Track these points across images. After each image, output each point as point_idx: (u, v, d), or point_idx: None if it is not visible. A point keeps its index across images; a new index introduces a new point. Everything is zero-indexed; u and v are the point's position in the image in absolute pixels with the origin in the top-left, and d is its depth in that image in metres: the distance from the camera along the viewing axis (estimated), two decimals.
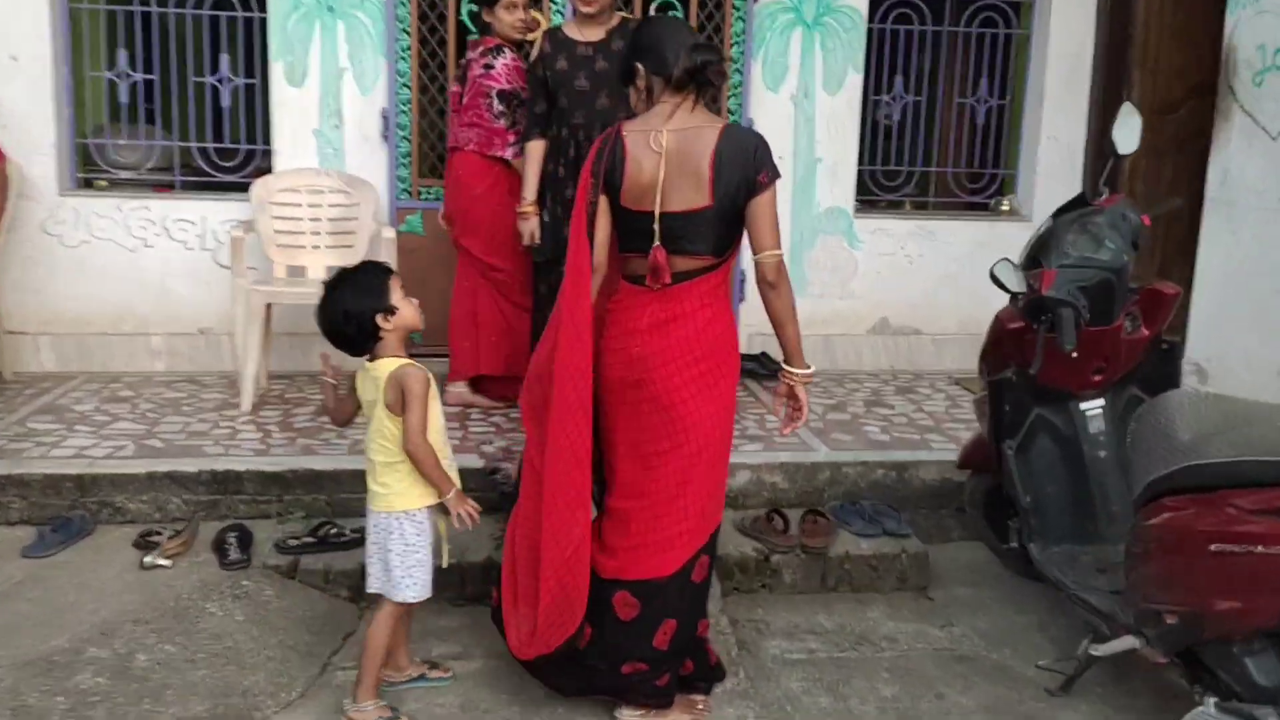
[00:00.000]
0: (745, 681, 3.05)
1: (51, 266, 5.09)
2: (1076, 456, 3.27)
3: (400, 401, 2.71)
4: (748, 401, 4.92)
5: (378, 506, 2.83)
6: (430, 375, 2.76)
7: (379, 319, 2.69)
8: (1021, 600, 3.59)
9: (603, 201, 2.67)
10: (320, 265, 4.93)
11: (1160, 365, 3.29)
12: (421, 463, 2.72)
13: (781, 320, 2.67)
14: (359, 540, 3.54)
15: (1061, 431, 3.28)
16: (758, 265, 2.62)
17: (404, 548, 2.81)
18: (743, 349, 5.62)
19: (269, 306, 4.78)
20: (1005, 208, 5.89)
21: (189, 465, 3.81)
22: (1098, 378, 3.22)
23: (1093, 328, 3.05)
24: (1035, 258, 3.13)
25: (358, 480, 3.74)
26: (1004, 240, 5.14)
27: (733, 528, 3.82)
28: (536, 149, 4.19)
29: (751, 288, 2.86)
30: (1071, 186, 5.66)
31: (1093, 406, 3.26)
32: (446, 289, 4.76)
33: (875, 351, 5.73)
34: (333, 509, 3.81)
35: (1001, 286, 3.03)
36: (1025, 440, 3.29)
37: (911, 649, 3.29)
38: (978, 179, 5.94)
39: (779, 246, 2.62)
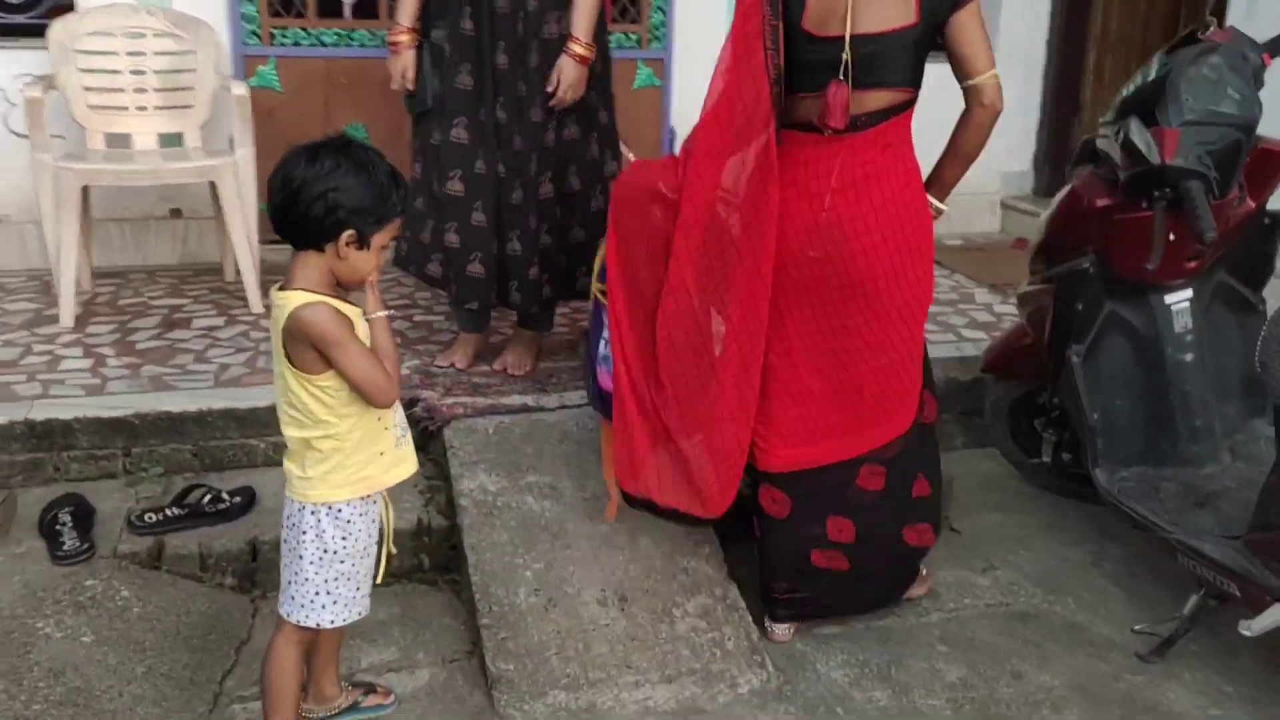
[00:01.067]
0: (776, 676, 2.38)
1: None
2: (1156, 361, 2.65)
3: (314, 355, 1.87)
4: None
5: (292, 493, 2.00)
6: (354, 315, 1.92)
7: (346, 235, 1.84)
8: (1060, 527, 3.02)
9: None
10: (149, 132, 3.85)
11: (1256, 244, 2.66)
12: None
13: (972, 154, 2.30)
14: (244, 505, 2.69)
15: (1139, 332, 2.65)
16: (975, 90, 2.20)
17: (320, 553, 1.99)
18: None
19: (86, 189, 3.70)
20: None
21: None
22: (1192, 264, 2.58)
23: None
24: (1145, 110, 2.40)
25: (233, 422, 2.86)
26: None
27: None
28: None
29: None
30: (1039, 15, 4.98)
31: (1178, 300, 2.63)
32: None
33: None
34: (201, 462, 2.91)
35: (1131, 156, 2.34)
36: (1093, 343, 2.65)
37: (960, 607, 2.67)
38: None
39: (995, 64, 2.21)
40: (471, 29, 2.85)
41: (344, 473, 1.95)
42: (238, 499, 2.70)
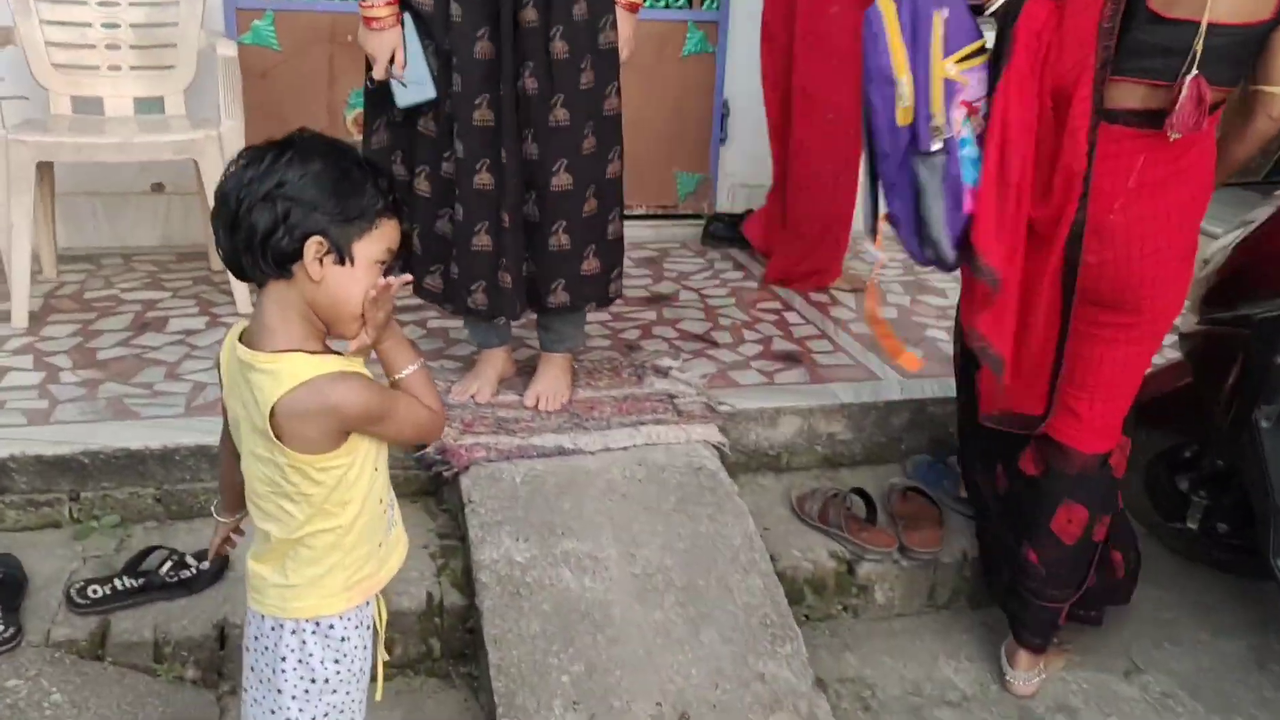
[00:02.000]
0: None
1: None
2: None
3: (334, 434, 1.39)
4: (749, 289, 3.59)
5: (263, 606, 1.48)
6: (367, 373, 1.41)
7: (312, 244, 1.32)
8: (1212, 610, 2.48)
9: None
10: (124, 96, 3.30)
11: None
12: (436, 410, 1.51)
13: (1236, 166, 1.99)
14: (214, 573, 2.18)
15: None
16: (1269, 100, 1.86)
17: (307, 685, 1.47)
18: (723, 204, 4.32)
19: (49, 166, 3.17)
20: None
21: None
22: None
23: None
24: None
25: (204, 462, 2.34)
26: None
27: (788, 511, 2.58)
28: None
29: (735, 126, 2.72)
30: None
31: None
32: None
33: None
34: (167, 509, 2.39)
35: None
36: None
37: None
38: None
39: None
40: None
41: (341, 575, 1.45)
42: (205, 565, 2.17)
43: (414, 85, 2.26)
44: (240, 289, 3.10)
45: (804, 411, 2.73)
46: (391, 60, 2.25)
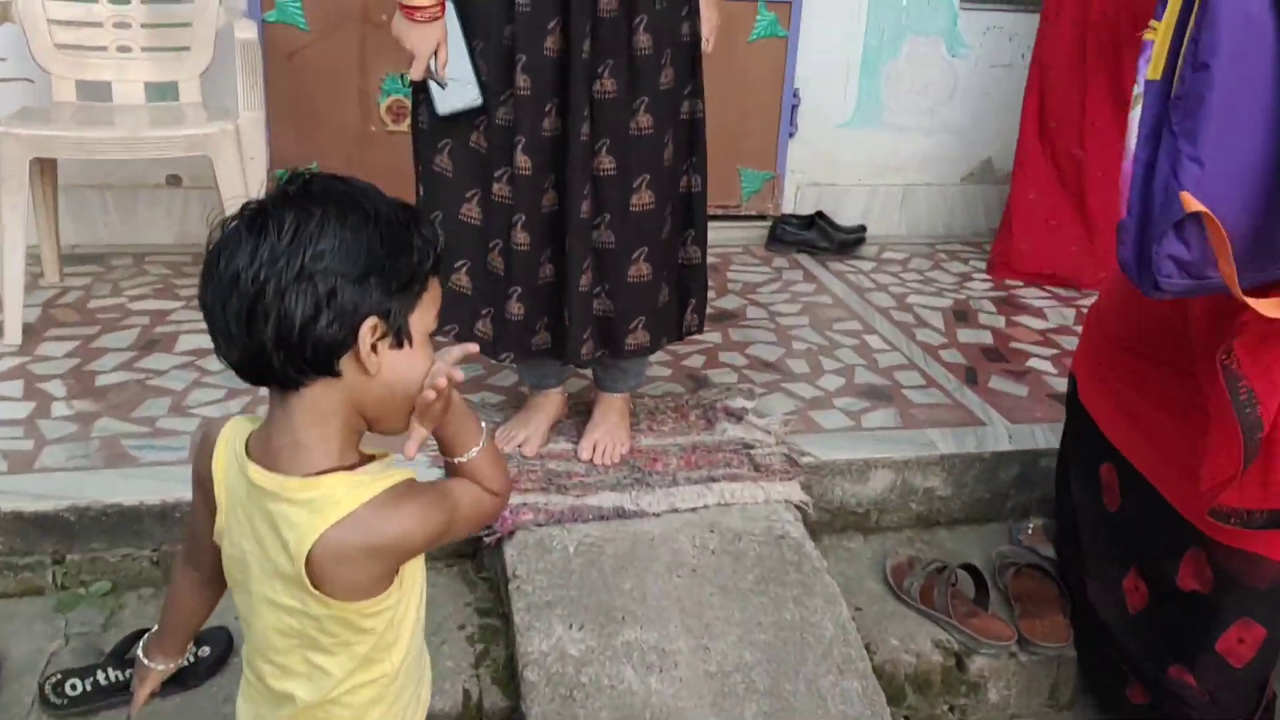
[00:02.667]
0: None
1: None
2: None
3: (387, 574, 1.08)
4: (823, 305, 3.22)
5: None
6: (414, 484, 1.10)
7: (367, 330, 1.02)
8: None
9: None
10: (134, 81, 2.96)
11: None
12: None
13: None
14: (215, 661, 1.86)
15: None
16: None
17: None
18: (789, 204, 3.95)
19: (50, 163, 2.84)
20: None
21: None
22: None
23: None
24: None
25: None
26: None
27: (881, 584, 2.22)
28: None
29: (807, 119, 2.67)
30: None
31: None
32: (347, 126, 2.88)
33: (973, 210, 4.02)
34: (165, 573, 2.07)
35: None
36: None
37: None
38: None
39: None
40: None
41: None
42: (205, 650, 1.85)
43: (458, 87, 1.90)
44: None
45: (898, 464, 2.37)
46: (434, 58, 1.89)
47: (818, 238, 3.66)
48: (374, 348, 1.01)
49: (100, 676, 1.79)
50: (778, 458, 2.30)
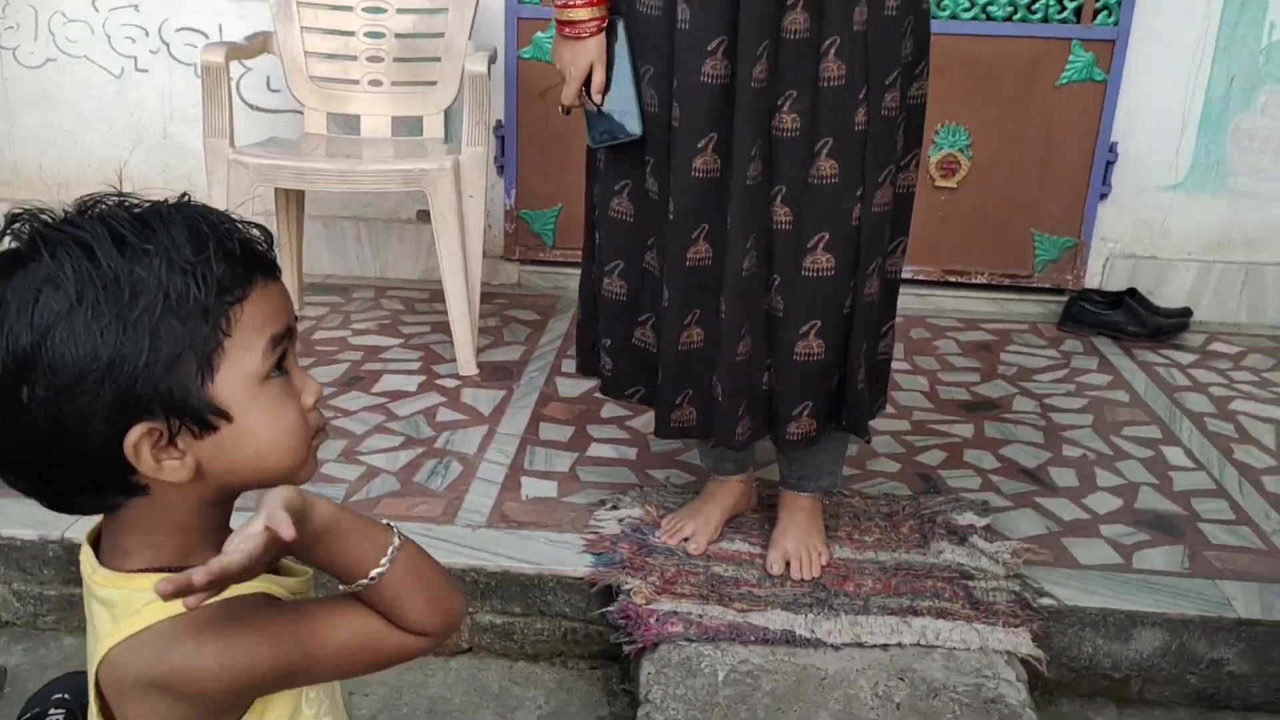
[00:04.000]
0: None
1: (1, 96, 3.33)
2: None
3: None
4: (1116, 403, 2.64)
5: None
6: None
7: (138, 440, 0.75)
8: None
9: None
10: (380, 115, 2.94)
11: None
12: None
13: None
14: None
15: None
16: None
17: None
18: (1094, 277, 3.36)
19: (297, 194, 2.86)
20: None
21: None
22: None
23: None
24: None
25: None
26: None
27: None
28: None
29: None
30: None
31: None
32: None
33: None
34: None
35: None
36: None
37: None
38: None
39: None
40: None
41: None
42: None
43: (614, 116, 1.63)
44: (463, 350, 2.62)
45: (1175, 623, 1.81)
46: (588, 82, 1.63)
47: (1125, 320, 3.06)
48: (170, 445, 0.75)
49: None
50: (1004, 595, 1.81)
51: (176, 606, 0.71)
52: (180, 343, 0.74)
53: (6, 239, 0.75)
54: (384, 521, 0.83)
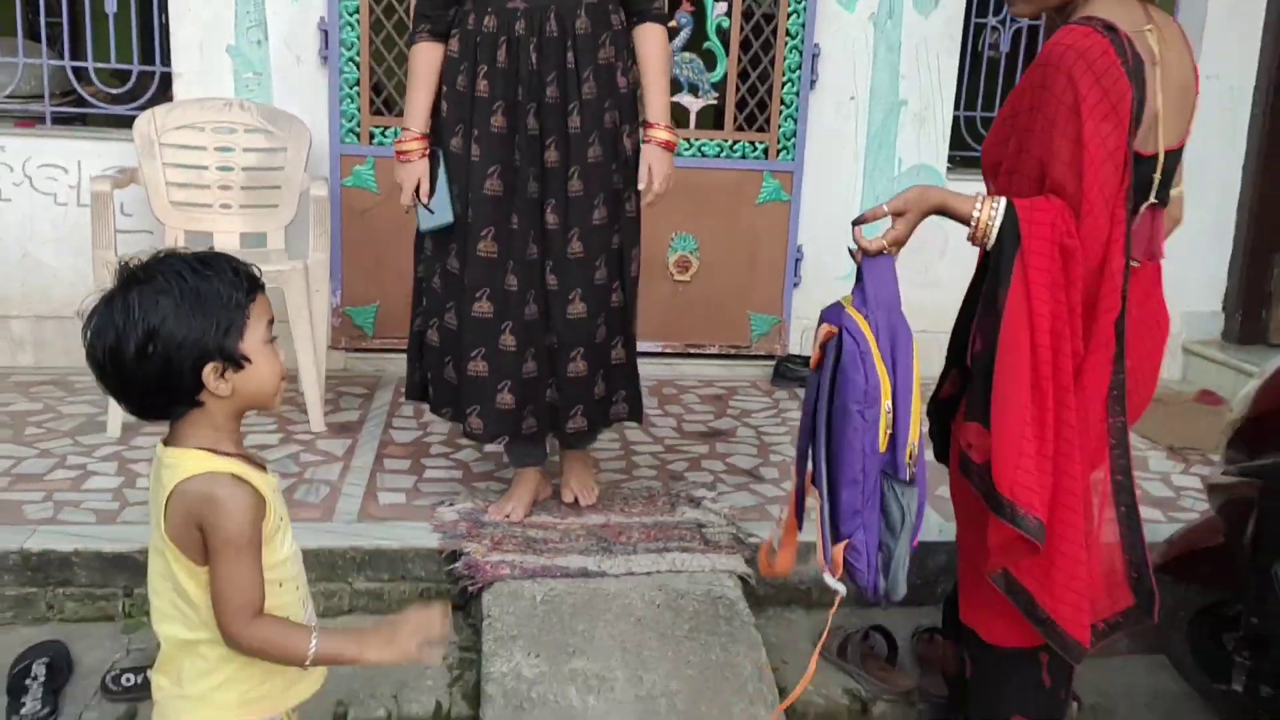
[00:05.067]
0: None
1: None
2: None
3: (199, 544, 1.40)
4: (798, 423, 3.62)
5: (156, 716, 1.53)
6: (269, 488, 1.47)
7: (209, 373, 1.39)
8: None
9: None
10: (232, 231, 3.62)
11: None
12: (258, 654, 1.44)
13: None
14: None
15: None
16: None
17: None
18: (794, 345, 4.38)
19: None
20: None
21: None
22: None
23: None
24: None
25: None
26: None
27: (811, 648, 2.55)
28: (426, 56, 2.53)
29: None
30: (1236, 135, 4.35)
31: None
32: (407, 270, 3.45)
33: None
34: None
35: None
36: None
37: None
38: None
39: None
40: (503, 126, 2.47)
41: (237, 689, 1.46)
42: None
43: (436, 212, 2.54)
44: (315, 410, 3.31)
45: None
46: (418, 190, 2.53)
47: None
48: (224, 376, 1.40)
49: (150, 672, 2.24)
50: (726, 536, 2.69)
51: (214, 464, 1.39)
52: (228, 322, 1.41)
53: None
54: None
